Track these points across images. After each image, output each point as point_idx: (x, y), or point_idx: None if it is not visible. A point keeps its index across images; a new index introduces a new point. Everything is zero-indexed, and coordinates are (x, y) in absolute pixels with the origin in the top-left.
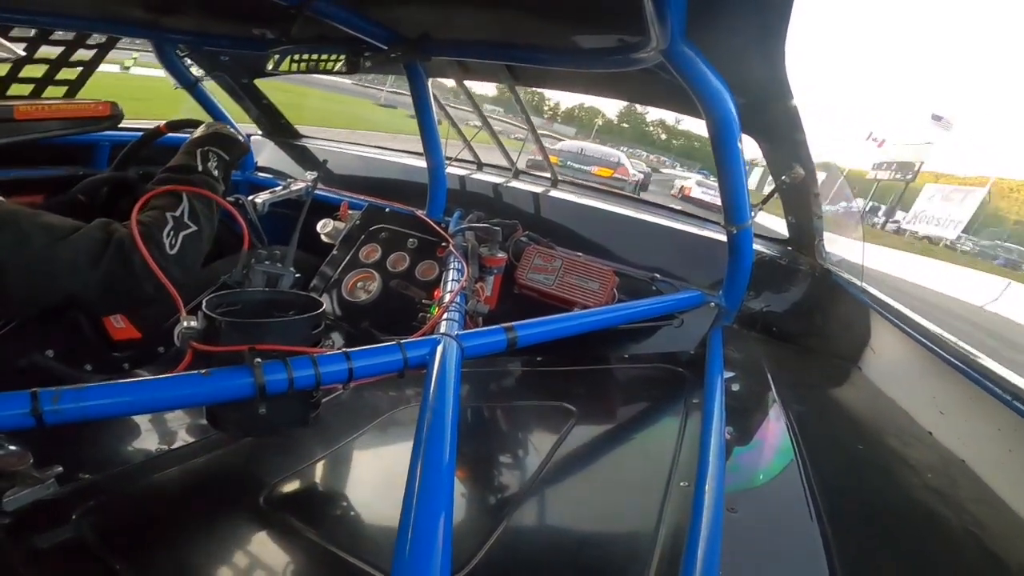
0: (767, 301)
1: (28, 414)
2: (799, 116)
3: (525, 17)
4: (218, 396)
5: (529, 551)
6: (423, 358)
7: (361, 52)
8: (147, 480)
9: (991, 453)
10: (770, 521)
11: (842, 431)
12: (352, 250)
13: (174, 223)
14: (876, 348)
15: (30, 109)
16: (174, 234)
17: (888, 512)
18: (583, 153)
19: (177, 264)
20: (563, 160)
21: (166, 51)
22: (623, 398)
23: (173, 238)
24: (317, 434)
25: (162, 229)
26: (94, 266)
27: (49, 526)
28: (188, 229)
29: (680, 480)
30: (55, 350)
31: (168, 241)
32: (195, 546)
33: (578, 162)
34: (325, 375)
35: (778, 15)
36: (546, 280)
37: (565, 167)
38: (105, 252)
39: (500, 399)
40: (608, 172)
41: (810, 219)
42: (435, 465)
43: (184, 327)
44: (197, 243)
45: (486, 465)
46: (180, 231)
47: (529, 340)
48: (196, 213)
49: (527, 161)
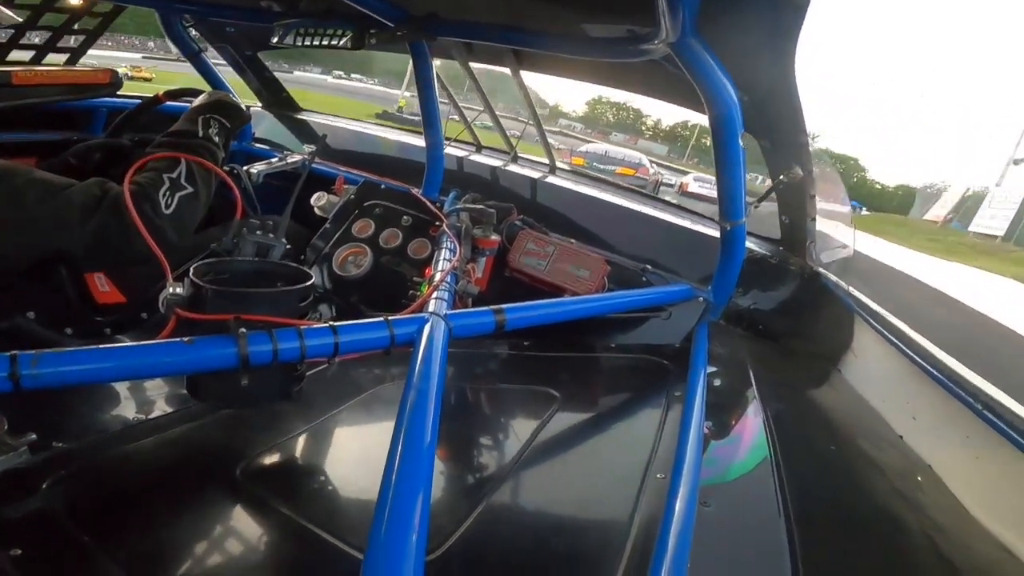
0: (755, 299)
1: (5, 377)
2: (803, 117)
3: (534, 2)
4: (200, 365)
5: (505, 534)
6: (410, 336)
7: (367, 29)
8: (122, 450)
9: (958, 460)
10: (740, 517)
11: (817, 431)
12: (345, 224)
13: (170, 184)
14: (857, 351)
15: (28, 75)
16: (170, 194)
17: (854, 513)
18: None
19: (172, 224)
20: (589, 162)
21: (171, 21)
22: (606, 387)
23: (169, 198)
24: (298, 408)
25: (158, 189)
26: (86, 220)
27: (19, 495)
28: (184, 191)
29: (657, 471)
30: (37, 312)
31: (164, 200)
32: (168, 519)
33: (602, 163)
34: (310, 348)
35: (793, 15)
36: (538, 265)
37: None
38: (99, 207)
39: (485, 381)
40: (630, 171)
41: (804, 220)
42: (416, 444)
43: (169, 293)
44: (193, 204)
45: (467, 446)
46: (176, 192)
47: (518, 323)
48: (193, 176)
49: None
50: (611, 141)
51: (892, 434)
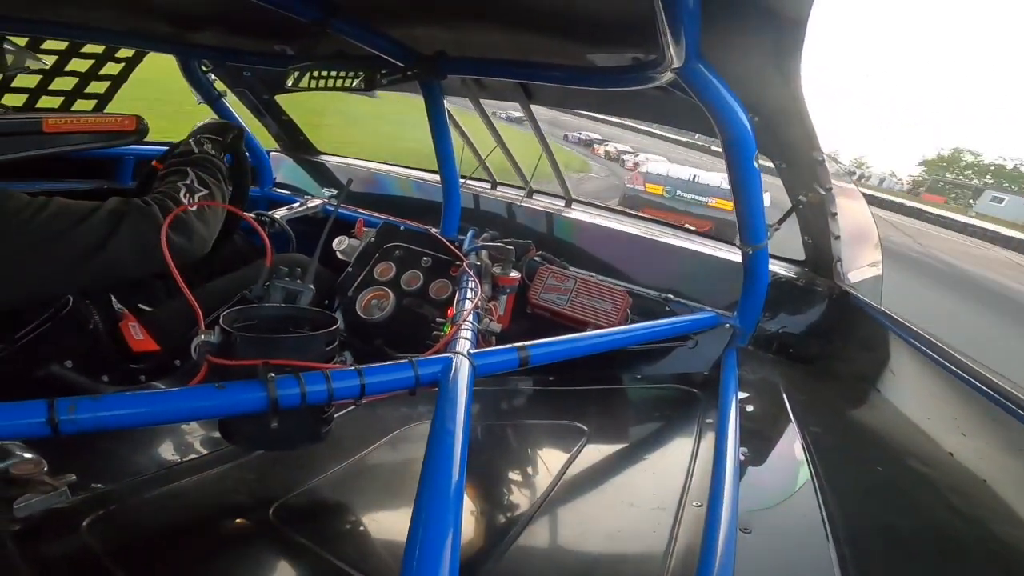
0: (783, 322)
1: (44, 423)
2: (816, 135)
3: (540, 36)
4: (231, 409)
5: (538, 570)
6: (435, 376)
7: (378, 69)
8: (159, 491)
9: (1013, 473)
10: (785, 542)
11: (860, 452)
12: (367, 268)
13: (187, 188)
14: (895, 370)
15: (59, 122)
16: (190, 194)
17: (907, 532)
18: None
19: (199, 218)
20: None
21: (191, 66)
22: (635, 418)
23: (190, 197)
24: (328, 449)
25: (178, 191)
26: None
27: (59, 534)
28: (201, 191)
29: (693, 501)
30: (73, 361)
31: (186, 199)
32: (203, 559)
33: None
34: (337, 390)
35: (793, 33)
36: (559, 300)
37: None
38: (126, 215)
39: (512, 417)
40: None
41: (827, 240)
42: (444, 483)
43: (201, 340)
44: (212, 200)
45: (496, 483)
46: (194, 192)
47: (541, 359)
48: (204, 181)
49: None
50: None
51: (941, 451)
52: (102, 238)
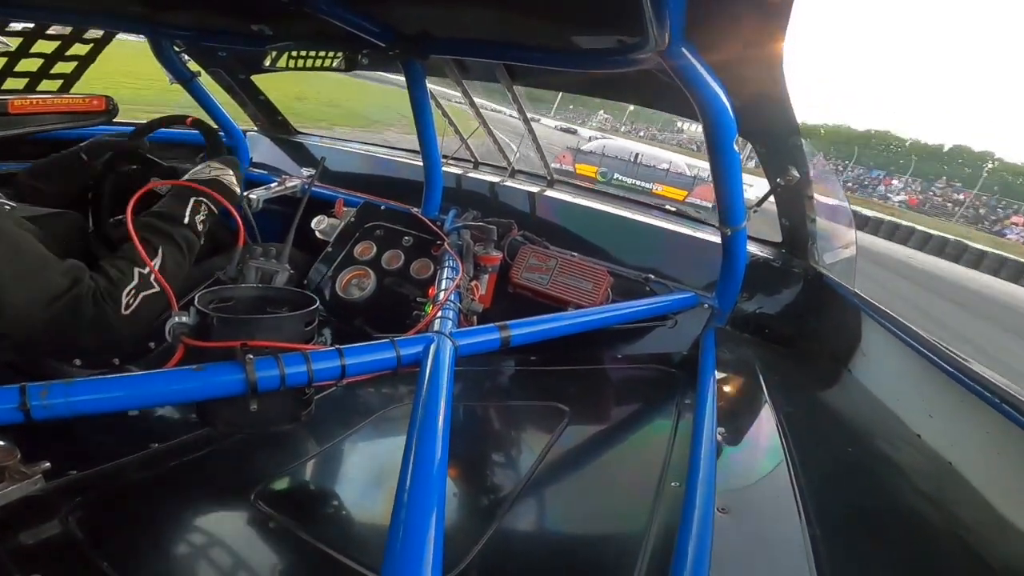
0: (760, 303)
1: (16, 408)
2: (795, 119)
3: (524, 17)
4: (209, 392)
5: (521, 551)
6: (416, 356)
7: (359, 49)
8: (136, 476)
9: (979, 456)
10: (758, 521)
11: (831, 433)
12: (347, 247)
13: (139, 281)
14: (867, 351)
15: (24, 103)
16: (135, 293)
17: (876, 513)
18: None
19: (128, 324)
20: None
21: (163, 46)
22: (616, 398)
23: (132, 298)
24: (309, 431)
25: (124, 287)
26: (46, 308)
27: (36, 522)
28: (150, 290)
29: (672, 480)
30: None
31: (126, 300)
32: (184, 543)
33: (631, 175)
34: (317, 372)
35: (777, 18)
36: (541, 279)
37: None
38: (60, 300)
39: (493, 398)
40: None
41: (804, 222)
42: (427, 464)
43: (176, 322)
44: (155, 305)
45: (479, 464)
46: (141, 291)
47: (523, 339)
48: (165, 270)
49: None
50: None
51: (909, 433)
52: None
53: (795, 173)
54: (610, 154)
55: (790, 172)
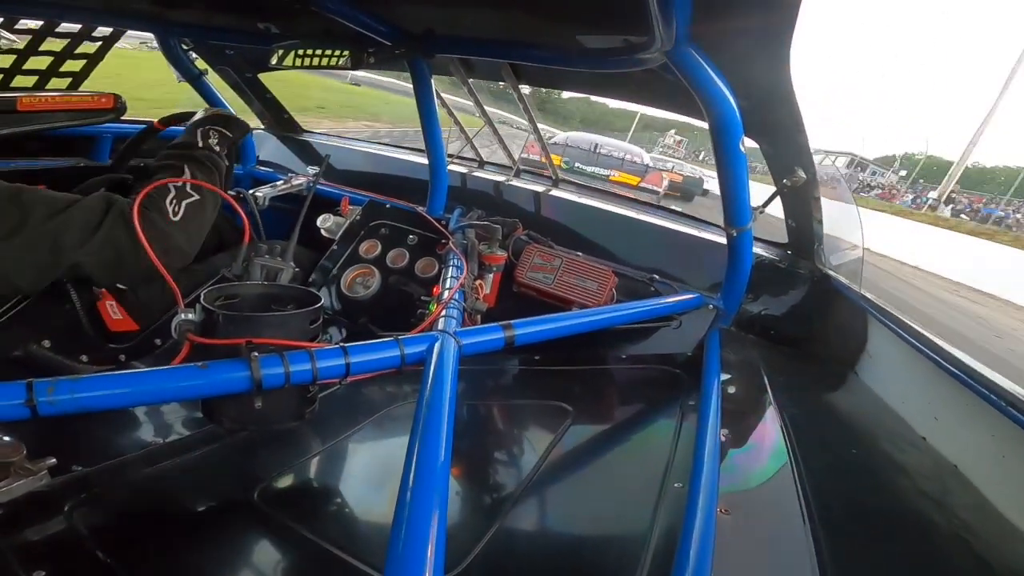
0: (765, 304)
1: (23, 405)
2: (802, 119)
3: (530, 16)
4: (214, 389)
5: (523, 550)
6: (421, 355)
7: (365, 48)
8: (141, 473)
9: (984, 459)
10: (762, 523)
11: (836, 435)
12: (352, 245)
13: (176, 192)
14: (872, 353)
15: (33, 101)
16: (177, 201)
17: (879, 516)
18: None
19: (182, 230)
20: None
21: (171, 44)
22: (620, 398)
23: (176, 205)
24: (313, 429)
25: (165, 197)
26: (94, 232)
27: (41, 518)
28: (190, 198)
29: (674, 481)
30: (51, 340)
31: (171, 208)
32: (187, 540)
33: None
34: (322, 370)
35: (784, 17)
36: (545, 279)
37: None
38: (105, 218)
39: (497, 397)
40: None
41: (810, 223)
42: (431, 463)
43: (182, 319)
44: (200, 211)
45: (482, 463)
46: (183, 199)
47: (527, 339)
48: (198, 187)
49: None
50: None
51: (914, 435)
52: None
53: (802, 174)
54: (572, 144)
55: (796, 173)
